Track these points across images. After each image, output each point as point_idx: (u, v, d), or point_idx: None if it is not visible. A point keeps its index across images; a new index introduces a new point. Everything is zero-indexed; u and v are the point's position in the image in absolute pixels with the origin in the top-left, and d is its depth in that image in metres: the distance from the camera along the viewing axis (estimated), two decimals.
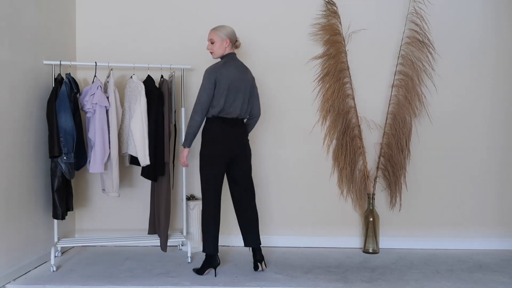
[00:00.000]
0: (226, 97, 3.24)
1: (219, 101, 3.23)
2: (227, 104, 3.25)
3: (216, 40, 3.32)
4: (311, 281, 3.24)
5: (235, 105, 3.28)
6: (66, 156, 3.39)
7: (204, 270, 3.32)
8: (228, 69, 3.26)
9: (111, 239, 3.80)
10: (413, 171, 4.12)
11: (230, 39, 3.32)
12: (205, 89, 3.21)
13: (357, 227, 4.16)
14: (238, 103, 3.29)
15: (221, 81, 3.22)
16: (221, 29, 3.34)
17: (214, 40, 3.33)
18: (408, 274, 3.42)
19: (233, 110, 3.28)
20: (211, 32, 3.36)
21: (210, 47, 3.36)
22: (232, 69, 3.28)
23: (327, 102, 4.10)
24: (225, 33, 3.31)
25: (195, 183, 4.13)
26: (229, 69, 3.26)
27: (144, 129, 3.50)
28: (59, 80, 3.49)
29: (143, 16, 4.14)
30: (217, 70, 3.23)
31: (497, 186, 4.16)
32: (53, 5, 3.76)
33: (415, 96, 4.08)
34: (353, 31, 4.09)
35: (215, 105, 3.24)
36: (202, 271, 3.32)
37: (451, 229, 4.14)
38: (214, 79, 3.21)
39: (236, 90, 3.27)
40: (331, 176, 4.17)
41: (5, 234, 3.11)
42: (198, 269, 3.35)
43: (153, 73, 3.76)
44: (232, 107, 3.27)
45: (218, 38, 3.32)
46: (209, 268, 3.32)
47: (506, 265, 3.68)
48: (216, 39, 3.32)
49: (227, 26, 3.37)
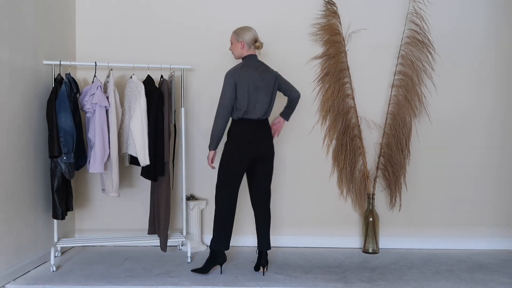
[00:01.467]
0: (249, 99, 3.27)
1: (242, 103, 3.26)
2: (251, 105, 3.28)
3: (233, 41, 3.41)
4: (311, 281, 3.24)
5: (258, 106, 3.30)
6: (66, 156, 3.39)
7: (210, 268, 3.32)
8: (246, 70, 3.29)
9: (111, 239, 3.80)
10: (413, 171, 4.12)
11: (246, 41, 3.35)
12: (226, 92, 3.25)
13: (357, 227, 4.16)
14: (261, 103, 3.31)
15: (241, 83, 3.25)
16: (239, 31, 3.39)
17: (231, 41, 3.43)
18: (408, 274, 3.42)
19: (257, 111, 3.30)
20: (232, 33, 3.44)
21: (230, 48, 3.46)
22: (251, 70, 3.30)
23: (327, 102, 4.10)
24: (241, 35, 3.36)
25: (195, 183, 4.14)
26: (247, 71, 3.29)
27: (144, 129, 3.50)
28: (59, 80, 3.49)
29: (143, 16, 4.14)
30: (236, 73, 3.27)
31: (497, 186, 4.16)
32: (53, 5, 3.76)
33: (415, 96, 4.08)
34: (353, 31, 4.10)
35: (239, 107, 3.27)
36: (207, 269, 3.32)
37: (451, 229, 4.14)
38: (234, 81, 3.25)
39: (257, 91, 3.29)
40: (331, 176, 4.17)
41: (5, 234, 3.11)
42: (202, 268, 3.34)
43: (153, 73, 3.76)
44: (256, 108, 3.30)
45: (234, 40, 3.40)
46: (215, 265, 3.33)
47: (506, 265, 3.68)
48: (232, 40, 3.42)
49: (246, 28, 3.39)
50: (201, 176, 4.13)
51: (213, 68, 4.07)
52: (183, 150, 3.87)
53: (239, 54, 3.39)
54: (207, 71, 4.09)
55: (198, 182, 4.15)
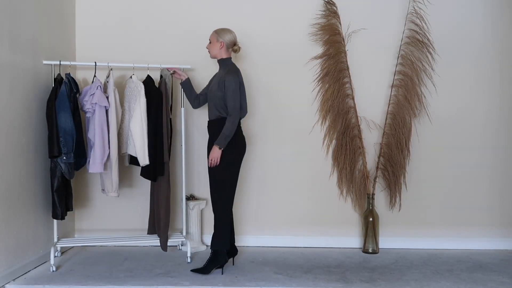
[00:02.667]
0: (242, 100, 3.41)
1: (243, 103, 3.42)
2: (244, 106, 3.46)
3: (212, 40, 3.47)
4: (310, 281, 3.24)
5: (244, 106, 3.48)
6: (65, 156, 3.39)
7: (211, 269, 3.34)
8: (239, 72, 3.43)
9: (110, 239, 3.80)
10: (413, 171, 4.12)
11: (225, 42, 3.41)
12: (237, 93, 3.32)
13: (357, 227, 4.16)
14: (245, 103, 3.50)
15: (242, 83, 3.40)
16: (220, 31, 3.45)
17: (210, 40, 3.48)
18: (407, 274, 3.42)
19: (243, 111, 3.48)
20: (212, 32, 3.49)
21: (207, 46, 3.51)
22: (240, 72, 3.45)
23: (326, 102, 4.10)
24: (221, 35, 3.42)
25: (194, 183, 4.13)
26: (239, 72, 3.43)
27: (144, 129, 3.50)
28: (58, 80, 3.49)
29: (143, 16, 4.14)
30: (239, 73, 3.40)
31: (496, 186, 4.16)
32: (53, 5, 3.76)
33: (414, 96, 4.08)
34: (352, 31, 4.09)
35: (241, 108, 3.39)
36: (209, 270, 3.33)
37: (451, 229, 4.14)
38: (239, 81, 3.37)
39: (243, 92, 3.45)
40: (331, 176, 4.17)
41: (5, 234, 3.11)
42: (203, 269, 3.34)
43: (153, 73, 3.75)
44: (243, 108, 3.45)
45: (214, 39, 3.45)
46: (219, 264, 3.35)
47: (505, 265, 3.68)
48: (212, 39, 3.47)
49: (227, 30, 3.46)
50: (200, 176, 4.12)
51: (213, 68, 4.05)
52: (183, 150, 3.87)
53: (216, 54, 3.46)
54: (207, 71, 4.08)
55: (198, 182, 4.15)
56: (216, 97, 3.35)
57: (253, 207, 4.15)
